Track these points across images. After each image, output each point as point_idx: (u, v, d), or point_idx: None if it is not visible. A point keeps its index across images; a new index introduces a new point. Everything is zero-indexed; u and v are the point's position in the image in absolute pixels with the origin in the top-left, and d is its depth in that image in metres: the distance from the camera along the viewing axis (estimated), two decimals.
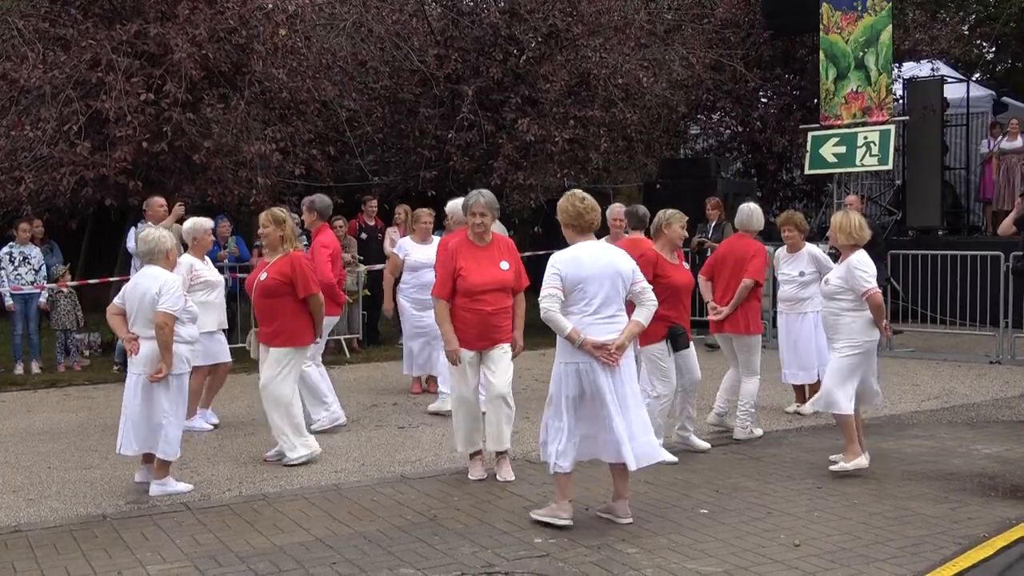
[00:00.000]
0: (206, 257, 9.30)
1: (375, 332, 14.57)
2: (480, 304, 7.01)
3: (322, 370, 8.90)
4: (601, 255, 6.08)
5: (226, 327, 9.36)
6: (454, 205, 8.97)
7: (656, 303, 6.21)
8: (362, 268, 13.87)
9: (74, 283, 13.04)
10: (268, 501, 6.71)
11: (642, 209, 9.61)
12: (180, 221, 10.37)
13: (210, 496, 6.94)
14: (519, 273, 7.22)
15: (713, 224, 14.19)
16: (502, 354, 7.11)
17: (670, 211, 7.81)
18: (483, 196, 7.09)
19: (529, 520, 6.21)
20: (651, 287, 6.28)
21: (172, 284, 6.86)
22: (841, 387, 7.18)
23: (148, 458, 7.01)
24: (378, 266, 13.99)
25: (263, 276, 7.77)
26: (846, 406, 7.19)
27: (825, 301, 7.42)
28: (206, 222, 9.23)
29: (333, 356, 13.38)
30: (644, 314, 6.14)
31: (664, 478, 7.18)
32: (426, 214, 10.50)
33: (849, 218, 7.35)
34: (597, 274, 6.00)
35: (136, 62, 12.52)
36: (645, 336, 7.11)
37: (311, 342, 7.88)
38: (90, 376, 12.05)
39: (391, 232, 14.28)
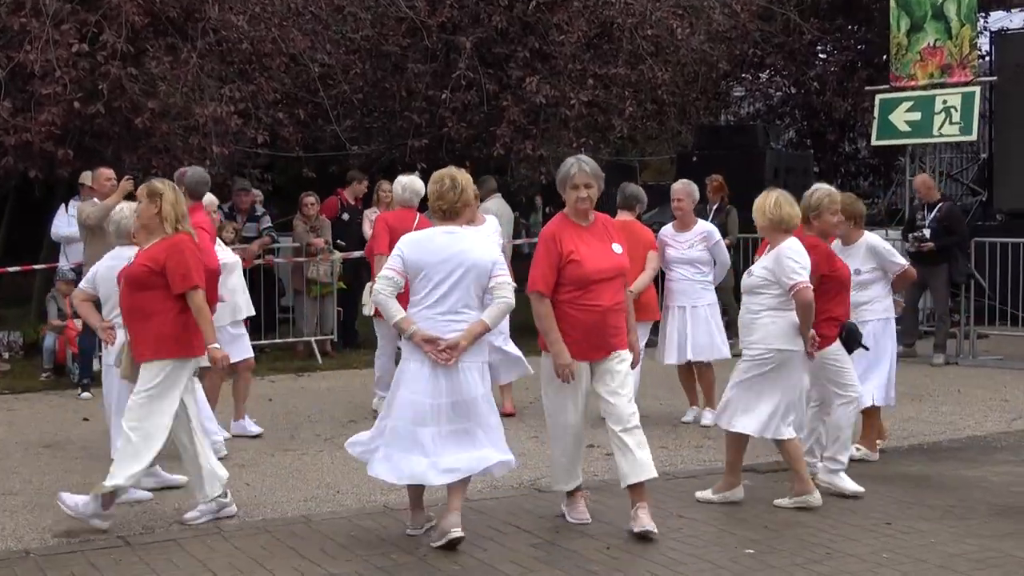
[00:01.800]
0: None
1: (352, 333, 14.57)
2: (594, 298, 6.63)
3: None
4: (454, 243, 6.39)
5: (244, 315, 9.37)
6: (407, 182, 10.01)
7: (511, 305, 6.46)
8: (337, 256, 13.86)
9: None
10: (224, 536, 6.70)
11: (631, 187, 9.81)
12: (129, 198, 10.35)
13: (154, 529, 6.92)
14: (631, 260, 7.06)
15: (715, 207, 14.17)
16: (618, 364, 6.72)
17: (817, 194, 7.67)
18: (587, 164, 6.75)
19: (538, 559, 6.19)
20: (510, 283, 6.47)
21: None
22: (741, 404, 7.27)
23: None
24: (356, 253, 13.99)
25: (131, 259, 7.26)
26: (744, 425, 7.26)
27: (744, 296, 7.44)
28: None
29: (303, 361, 13.38)
30: (492, 313, 6.40)
31: (702, 511, 7.18)
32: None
33: (768, 197, 7.35)
34: (443, 262, 6.33)
35: (67, 5, 12.49)
36: (819, 340, 7.30)
37: (198, 354, 7.09)
38: (10, 384, 12.04)
39: (370, 214, 14.26)
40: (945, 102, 15.69)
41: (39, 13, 12.28)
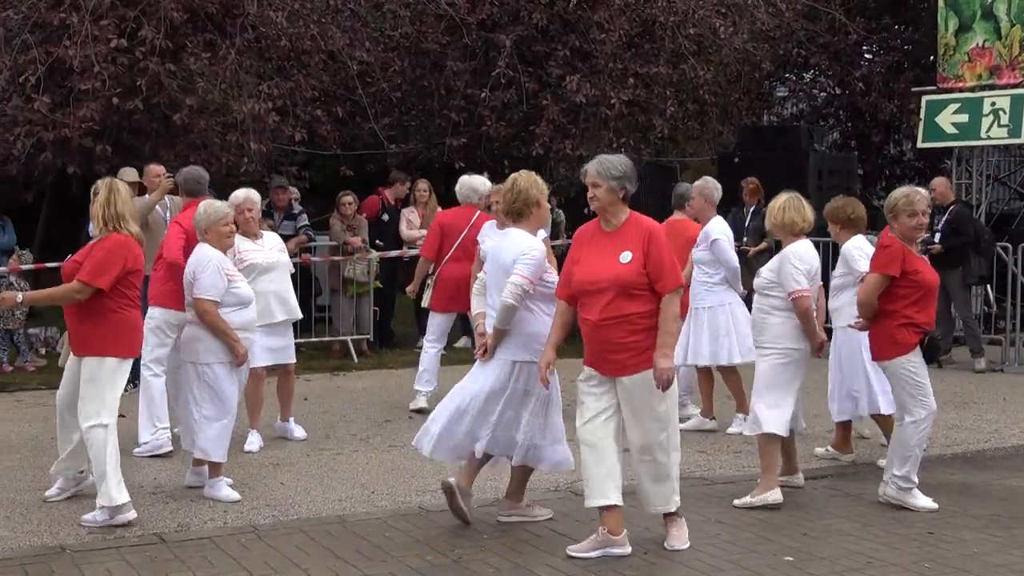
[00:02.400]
0: (262, 233, 9.30)
1: (388, 332, 14.62)
2: (585, 311, 6.40)
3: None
4: (500, 243, 7.01)
5: (279, 319, 9.14)
6: (464, 179, 10.46)
7: (507, 304, 6.63)
8: (374, 255, 13.92)
9: (29, 266, 13.17)
10: (259, 534, 6.75)
11: (680, 187, 9.81)
12: (173, 193, 10.48)
13: (189, 526, 6.99)
14: (661, 267, 6.27)
15: (751, 210, 14.10)
16: (633, 389, 6.34)
17: (896, 194, 7.47)
18: (598, 163, 6.45)
19: (574, 563, 6.21)
20: (516, 283, 6.64)
21: (206, 264, 7.15)
22: (764, 401, 7.42)
23: (199, 459, 7.60)
24: (393, 253, 14.05)
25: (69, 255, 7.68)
26: (774, 424, 7.36)
27: (755, 297, 7.66)
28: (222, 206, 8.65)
29: (339, 360, 13.45)
30: (498, 308, 6.72)
31: (740, 517, 7.16)
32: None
33: (777, 200, 7.68)
34: (490, 263, 6.98)
35: (106, 1, 12.62)
36: (894, 346, 7.21)
37: (131, 355, 7.16)
38: (46, 379, 12.14)
39: (407, 213, 14.32)
40: (993, 104, 15.55)
41: (78, 8, 12.42)
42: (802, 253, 7.47)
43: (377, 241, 14.11)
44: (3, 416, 10.38)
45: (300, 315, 9.49)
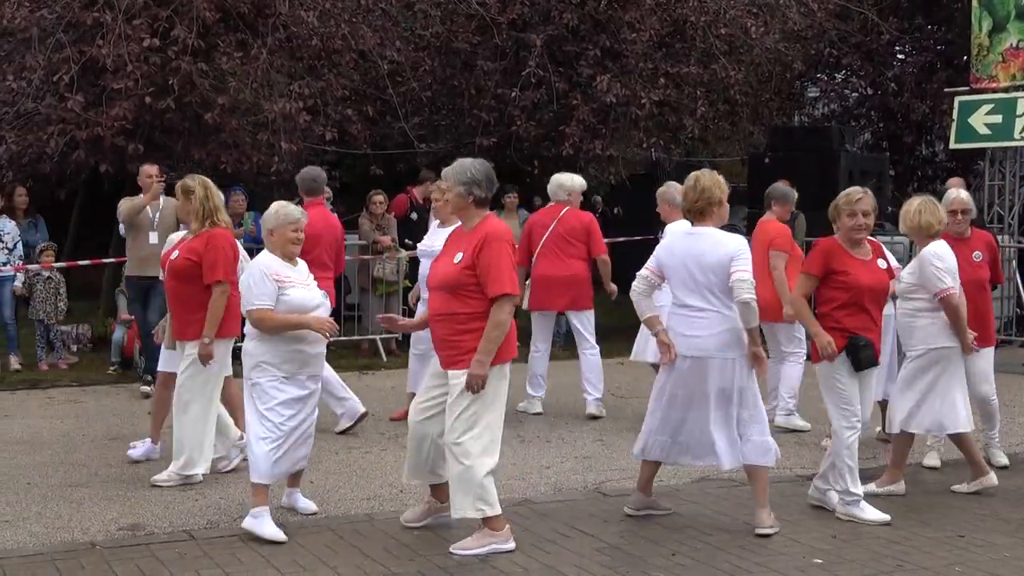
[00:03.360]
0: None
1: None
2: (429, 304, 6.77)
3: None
4: (694, 244, 6.86)
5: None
6: (553, 177, 10.45)
7: (746, 302, 6.63)
8: (403, 254, 13.94)
9: (60, 264, 13.26)
10: (288, 531, 6.77)
11: (776, 187, 9.86)
12: (168, 193, 10.51)
13: (218, 524, 7.02)
14: (488, 272, 6.33)
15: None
16: (454, 384, 6.43)
17: (840, 196, 7.38)
18: (450, 168, 6.68)
19: (602, 564, 6.20)
20: (745, 279, 6.66)
21: (251, 271, 6.82)
22: (908, 405, 7.73)
23: (294, 479, 7.19)
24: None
25: (175, 254, 7.93)
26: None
27: (899, 301, 7.82)
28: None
29: (368, 359, 13.48)
30: (738, 314, 6.72)
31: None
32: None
33: (911, 204, 7.77)
34: (681, 264, 6.82)
35: (139, 1, 12.70)
36: (816, 351, 7.19)
37: (236, 334, 7.87)
38: (78, 376, 12.26)
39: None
40: None
41: (112, 8, 12.49)
42: (941, 253, 7.59)
43: (406, 240, 14.13)
44: (35, 412, 10.46)
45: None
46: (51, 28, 12.76)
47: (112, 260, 13.94)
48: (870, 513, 7.11)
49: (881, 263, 7.32)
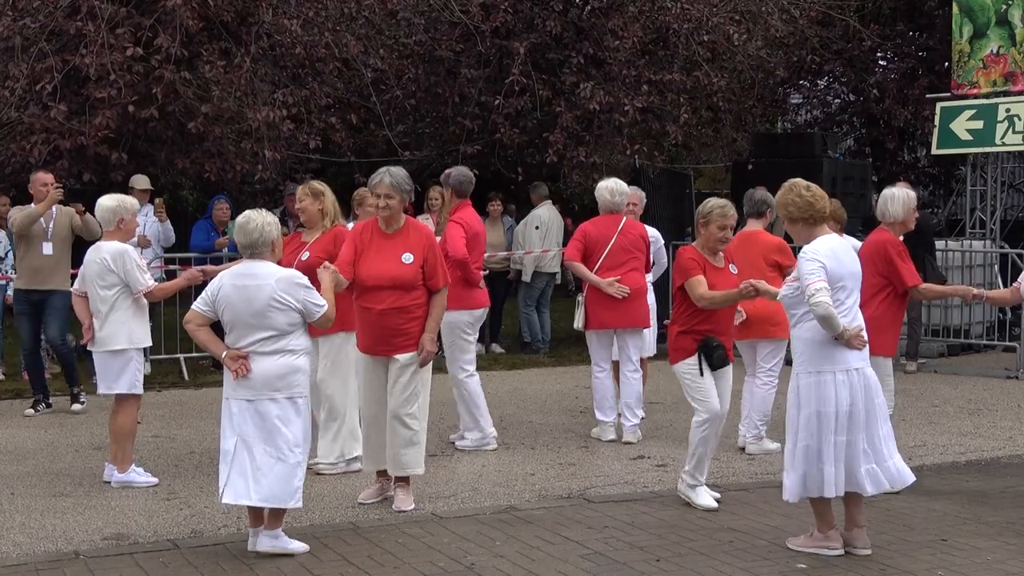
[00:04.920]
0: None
1: None
2: (367, 301, 7.39)
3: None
4: (852, 252, 6.76)
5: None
6: (615, 186, 9.86)
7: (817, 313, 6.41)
8: None
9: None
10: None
11: (758, 192, 9.64)
12: (64, 204, 10.41)
13: (203, 532, 7.01)
14: (435, 269, 7.43)
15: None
16: (405, 365, 7.38)
17: (711, 204, 7.64)
18: (390, 175, 7.35)
19: (586, 570, 6.21)
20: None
21: (303, 278, 6.70)
22: None
23: (258, 516, 6.59)
24: None
25: (304, 255, 8.16)
26: None
27: None
28: (134, 201, 8.60)
29: None
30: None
31: (753, 525, 7.15)
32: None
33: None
34: (852, 273, 6.57)
35: (122, 9, 12.69)
36: (676, 351, 7.50)
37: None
38: (62, 386, 12.18)
39: (422, 220, 14.33)
40: (1008, 111, 15.52)
41: (94, 17, 12.47)
42: None
43: None
44: (20, 422, 10.43)
45: None
46: (34, 37, 12.74)
47: None
48: (702, 498, 7.51)
49: (733, 269, 7.66)
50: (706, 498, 7.52)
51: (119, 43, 12.43)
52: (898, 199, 8.14)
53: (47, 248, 10.52)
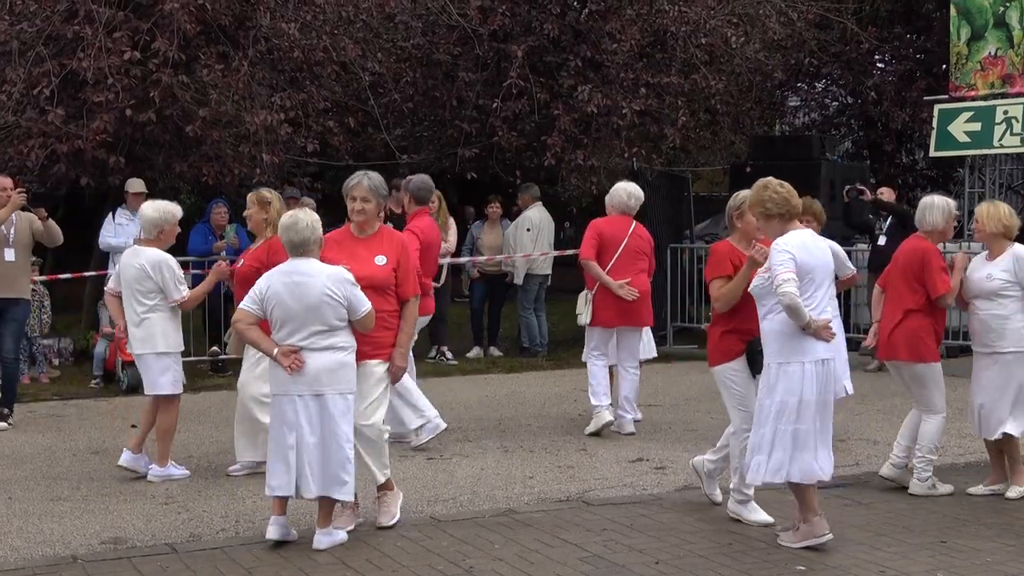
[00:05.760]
0: None
1: None
2: None
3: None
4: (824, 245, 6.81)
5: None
6: (633, 188, 10.02)
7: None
8: None
9: (42, 278, 13.21)
10: (270, 546, 6.75)
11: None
12: (26, 210, 10.30)
13: (201, 536, 6.99)
14: (407, 275, 7.19)
15: None
16: (366, 374, 7.02)
17: (744, 193, 7.36)
18: (368, 179, 7.23)
19: (585, 573, 6.20)
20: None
21: (350, 275, 6.78)
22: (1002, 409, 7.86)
23: (281, 506, 6.72)
24: None
25: (240, 263, 8.27)
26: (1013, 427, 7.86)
27: (981, 302, 7.88)
28: (176, 209, 8.73)
29: None
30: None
31: (752, 527, 7.13)
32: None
33: (1000, 207, 7.90)
34: (823, 265, 6.69)
35: (120, 13, 12.69)
36: (716, 353, 7.23)
37: None
38: (60, 390, 12.22)
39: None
40: (1006, 112, 15.52)
41: (92, 21, 12.47)
42: None
43: None
44: (17, 427, 10.40)
45: None
46: (31, 41, 12.73)
47: (93, 273, 13.90)
48: (757, 515, 7.17)
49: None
50: (760, 513, 7.18)
51: (116, 47, 12.42)
52: (938, 207, 7.99)
53: (8, 254, 10.33)
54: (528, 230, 14.58)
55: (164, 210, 8.56)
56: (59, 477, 8.50)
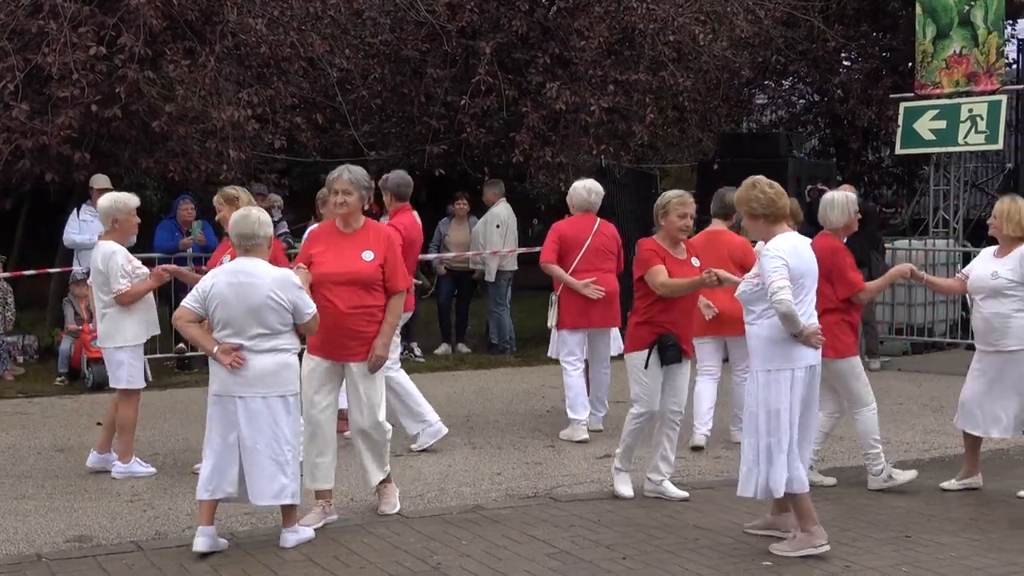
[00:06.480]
0: None
1: None
2: (327, 301, 7.04)
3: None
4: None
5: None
6: (592, 184, 9.91)
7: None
8: None
9: (6, 275, 13.12)
10: (236, 542, 6.73)
11: (729, 195, 9.53)
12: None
13: (166, 534, 6.97)
14: (395, 269, 7.22)
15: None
16: (363, 373, 7.14)
17: (670, 194, 7.72)
18: (348, 171, 7.21)
19: (553, 569, 6.21)
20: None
21: (296, 279, 6.71)
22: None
23: (209, 514, 6.58)
24: None
25: (226, 259, 7.94)
26: None
27: (984, 300, 7.85)
28: (130, 199, 8.68)
29: None
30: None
31: (717, 522, 7.17)
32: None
33: (1016, 206, 7.81)
34: (811, 269, 6.63)
35: (85, 8, 12.57)
36: (630, 341, 7.59)
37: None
38: (24, 387, 12.13)
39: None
40: (971, 111, 15.65)
41: (57, 16, 12.36)
42: None
43: None
44: None
45: None
46: None
47: (58, 270, 13.80)
48: (622, 487, 7.70)
49: (695, 261, 7.67)
50: (624, 487, 7.70)
51: (82, 42, 12.32)
52: (838, 204, 8.04)
53: None
54: (498, 227, 14.56)
55: (116, 199, 8.52)
56: (23, 475, 8.44)
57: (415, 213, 9.67)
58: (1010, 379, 7.85)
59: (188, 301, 6.64)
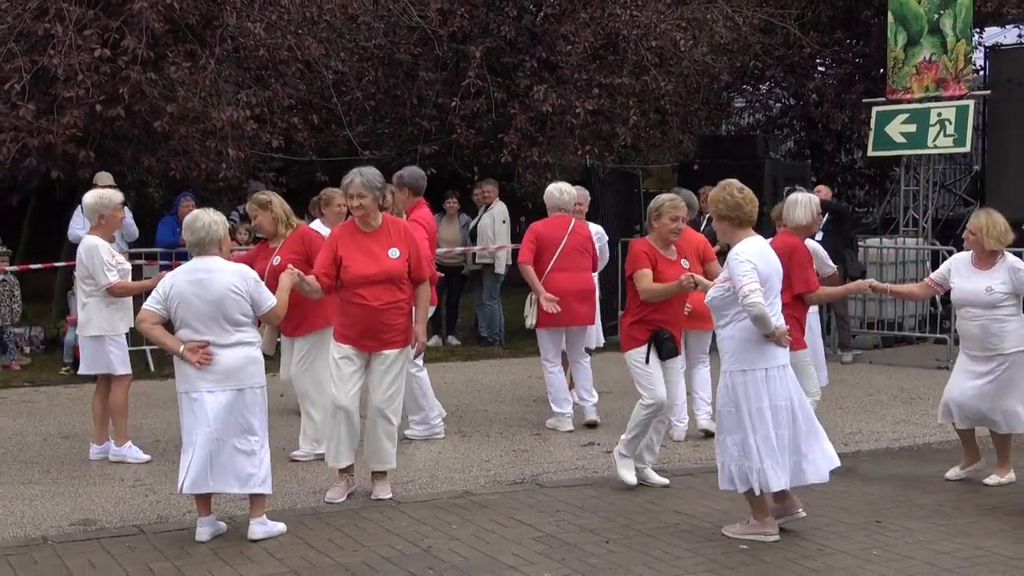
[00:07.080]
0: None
1: None
2: (361, 299, 7.18)
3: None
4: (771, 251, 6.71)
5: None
6: (565, 186, 9.89)
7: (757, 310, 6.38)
8: None
9: (13, 268, 13.08)
10: (235, 525, 6.73)
11: (684, 193, 9.56)
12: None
13: (168, 518, 6.96)
14: (420, 260, 7.37)
15: (707, 217, 14.10)
16: (394, 360, 7.30)
17: (663, 198, 7.73)
18: (360, 175, 7.25)
19: (539, 552, 6.22)
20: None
21: (253, 273, 6.67)
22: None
23: (206, 506, 6.56)
24: None
25: (276, 260, 8.12)
26: None
27: (981, 310, 7.77)
28: (115, 195, 8.67)
29: None
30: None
31: (696, 507, 7.19)
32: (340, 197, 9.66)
33: (993, 218, 7.77)
34: (776, 272, 6.60)
35: (90, 12, 12.54)
36: (626, 339, 7.57)
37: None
38: (31, 376, 12.10)
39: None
40: (940, 115, 15.68)
41: (62, 19, 12.33)
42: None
43: None
44: None
45: None
46: (2, 38, 12.56)
47: (64, 264, 13.76)
48: (625, 473, 7.61)
49: (684, 263, 7.70)
50: (628, 473, 7.62)
51: (86, 44, 12.29)
52: (801, 205, 8.04)
53: None
54: (504, 222, 14.50)
55: (101, 195, 8.51)
56: (30, 461, 8.42)
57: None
58: (1013, 379, 7.84)
59: (150, 303, 6.57)
